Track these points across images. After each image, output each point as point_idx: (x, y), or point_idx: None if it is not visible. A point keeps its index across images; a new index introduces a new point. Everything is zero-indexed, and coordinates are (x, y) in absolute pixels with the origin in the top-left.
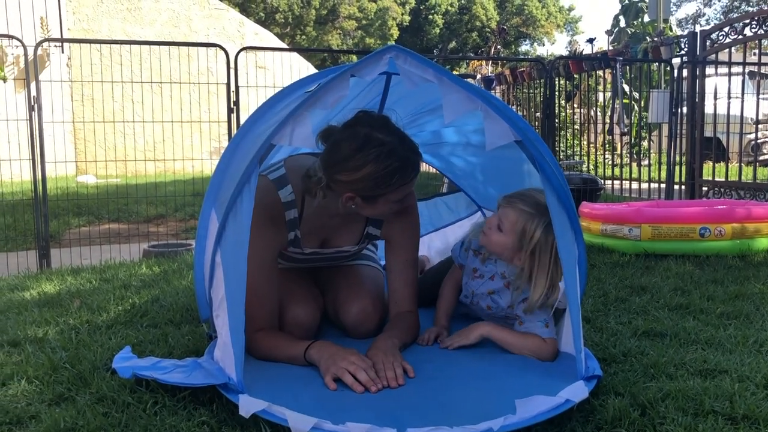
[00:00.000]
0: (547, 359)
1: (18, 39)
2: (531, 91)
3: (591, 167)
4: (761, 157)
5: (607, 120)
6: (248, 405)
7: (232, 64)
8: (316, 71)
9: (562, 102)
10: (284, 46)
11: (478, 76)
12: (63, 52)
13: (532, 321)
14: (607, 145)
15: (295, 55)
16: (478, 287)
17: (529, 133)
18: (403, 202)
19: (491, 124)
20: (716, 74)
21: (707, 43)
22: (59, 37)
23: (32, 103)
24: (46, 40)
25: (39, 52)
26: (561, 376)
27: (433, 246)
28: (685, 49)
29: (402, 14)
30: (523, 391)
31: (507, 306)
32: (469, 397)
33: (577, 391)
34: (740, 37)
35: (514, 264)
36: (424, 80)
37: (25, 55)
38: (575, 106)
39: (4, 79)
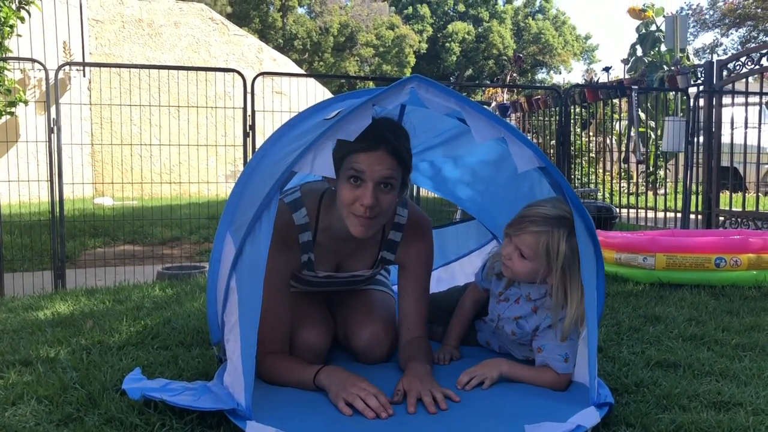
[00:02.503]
0: (559, 390)
1: (40, 63)
2: (546, 118)
3: (606, 195)
4: None
5: (623, 148)
6: (256, 431)
7: (248, 89)
8: (332, 97)
9: (578, 130)
10: (301, 72)
11: (494, 104)
12: (84, 76)
13: (551, 352)
14: (622, 174)
15: (311, 80)
16: (504, 311)
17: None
18: (359, 197)
19: (516, 150)
20: (733, 104)
21: (724, 73)
22: (81, 61)
23: (51, 126)
24: (67, 63)
25: (60, 75)
26: (572, 401)
27: (441, 281)
28: (702, 79)
29: (419, 42)
30: (533, 416)
31: (532, 330)
32: (479, 423)
33: (589, 417)
34: (757, 67)
35: (548, 283)
36: (447, 109)
37: (47, 78)
38: (591, 134)
39: (26, 102)
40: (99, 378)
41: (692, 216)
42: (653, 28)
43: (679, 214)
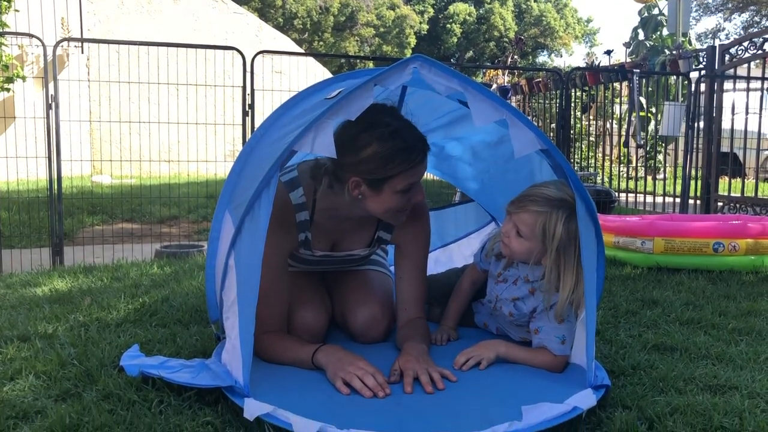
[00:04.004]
0: (556, 372)
1: (38, 38)
2: (547, 101)
3: (605, 179)
4: None
5: (623, 132)
6: (253, 408)
7: (248, 68)
8: (332, 77)
9: (578, 113)
10: (301, 51)
11: (494, 86)
12: (83, 53)
13: (548, 334)
14: (622, 158)
15: (311, 60)
16: (501, 292)
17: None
18: (411, 198)
19: (517, 133)
20: (734, 89)
21: (726, 58)
22: (79, 37)
23: (50, 102)
24: (65, 39)
25: (58, 51)
26: (569, 383)
27: (439, 263)
28: (704, 63)
29: (420, 23)
30: (530, 397)
31: (529, 312)
32: (476, 404)
33: (585, 399)
34: (759, 52)
35: (543, 264)
36: (449, 89)
37: (44, 54)
38: (591, 117)
39: (23, 79)
40: (97, 354)
41: (691, 201)
42: (656, 11)
43: (678, 199)
